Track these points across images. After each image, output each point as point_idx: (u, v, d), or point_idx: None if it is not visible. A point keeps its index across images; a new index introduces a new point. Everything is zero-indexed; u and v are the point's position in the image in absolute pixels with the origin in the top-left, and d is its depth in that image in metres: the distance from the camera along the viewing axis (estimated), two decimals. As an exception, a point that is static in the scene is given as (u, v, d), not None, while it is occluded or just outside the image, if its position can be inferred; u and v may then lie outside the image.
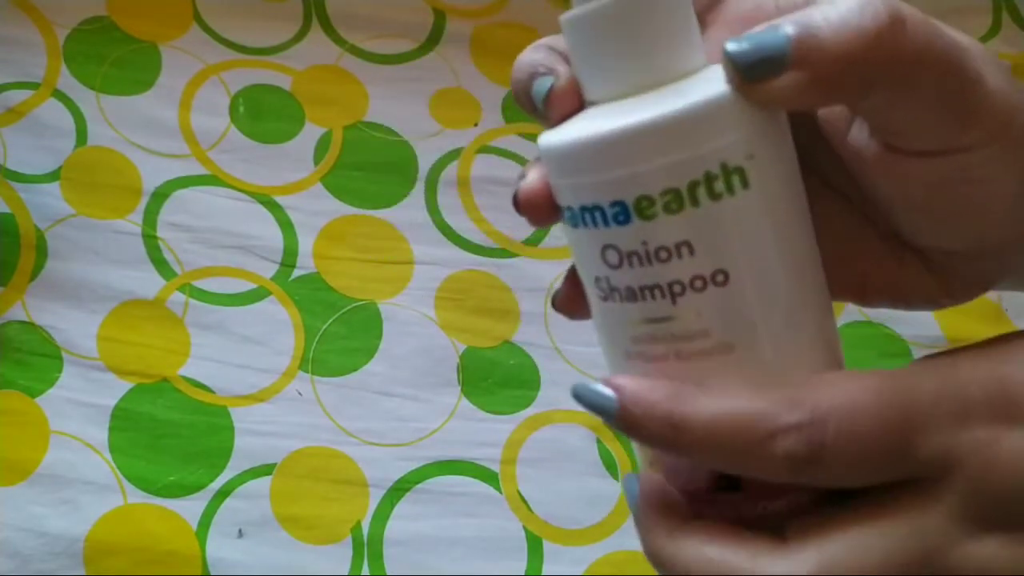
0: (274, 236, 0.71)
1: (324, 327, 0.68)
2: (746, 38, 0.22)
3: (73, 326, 0.65)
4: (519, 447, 0.65)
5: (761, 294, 0.23)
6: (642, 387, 0.23)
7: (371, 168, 0.75)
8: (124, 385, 0.64)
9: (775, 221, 0.23)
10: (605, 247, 0.23)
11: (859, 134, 0.24)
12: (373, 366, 0.67)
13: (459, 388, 0.67)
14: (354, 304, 0.69)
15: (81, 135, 0.72)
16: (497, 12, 0.83)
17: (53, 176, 0.70)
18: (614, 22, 0.23)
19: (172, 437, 0.63)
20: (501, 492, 0.64)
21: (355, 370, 0.67)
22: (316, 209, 0.72)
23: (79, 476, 0.60)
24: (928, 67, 0.21)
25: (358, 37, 0.80)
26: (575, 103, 0.25)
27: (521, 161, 0.76)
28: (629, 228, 0.22)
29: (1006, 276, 0.27)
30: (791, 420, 0.22)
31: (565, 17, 0.24)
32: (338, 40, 0.80)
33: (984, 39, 0.85)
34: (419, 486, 0.63)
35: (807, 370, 0.23)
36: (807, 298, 0.24)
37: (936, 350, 0.28)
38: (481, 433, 0.65)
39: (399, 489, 0.63)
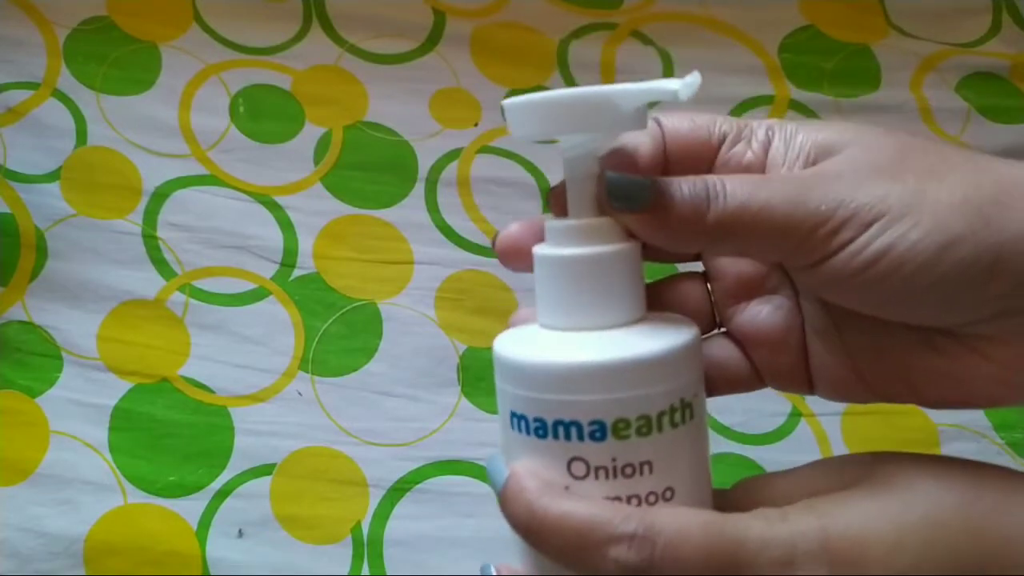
0: (274, 236, 0.71)
1: (324, 327, 0.68)
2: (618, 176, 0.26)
3: (73, 326, 0.65)
4: (519, 447, 0.65)
5: (696, 506, 0.26)
6: (526, 475, 0.26)
7: (371, 168, 0.75)
8: (124, 385, 0.64)
9: (704, 444, 0.27)
10: (573, 459, 0.26)
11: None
12: (373, 366, 0.67)
13: (459, 388, 0.67)
14: (354, 304, 0.69)
15: (81, 135, 0.72)
16: (497, 12, 0.83)
17: (53, 176, 0.70)
18: (596, 270, 0.26)
19: (172, 437, 0.63)
20: (501, 492, 0.64)
21: (355, 370, 0.67)
22: (316, 209, 0.72)
23: (79, 476, 0.60)
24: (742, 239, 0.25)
25: (358, 37, 0.80)
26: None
27: (521, 161, 0.76)
28: (602, 445, 0.25)
29: None
30: (626, 530, 0.24)
31: (540, 251, 0.27)
32: (338, 40, 0.80)
33: (984, 39, 0.85)
34: (419, 486, 0.63)
35: None
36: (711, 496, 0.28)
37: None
38: (481, 433, 0.65)
39: (399, 489, 0.63)
